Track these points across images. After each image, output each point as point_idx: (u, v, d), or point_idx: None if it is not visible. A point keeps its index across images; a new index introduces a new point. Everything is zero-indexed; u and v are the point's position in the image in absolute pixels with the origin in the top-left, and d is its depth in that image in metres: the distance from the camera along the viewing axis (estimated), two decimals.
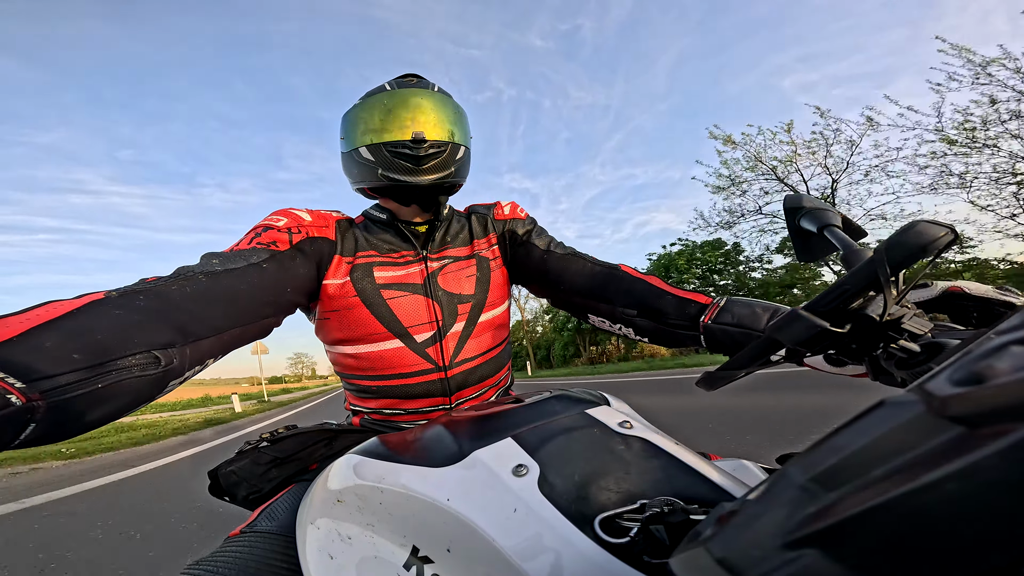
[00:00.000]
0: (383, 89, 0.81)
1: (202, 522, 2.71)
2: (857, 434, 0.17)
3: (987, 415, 0.14)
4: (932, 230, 0.38)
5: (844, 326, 0.44)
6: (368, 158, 0.78)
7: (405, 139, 0.76)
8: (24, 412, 0.36)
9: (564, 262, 0.89)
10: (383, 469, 0.46)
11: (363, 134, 0.79)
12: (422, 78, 0.86)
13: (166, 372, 0.47)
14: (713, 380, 0.56)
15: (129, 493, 3.72)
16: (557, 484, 0.37)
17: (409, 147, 0.76)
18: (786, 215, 0.58)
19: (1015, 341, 0.16)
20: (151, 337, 0.47)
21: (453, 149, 0.80)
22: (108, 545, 2.46)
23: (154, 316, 0.49)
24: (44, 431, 0.38)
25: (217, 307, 0.57)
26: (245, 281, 0.62)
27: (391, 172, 0.77)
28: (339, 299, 0.78)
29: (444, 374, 0.80)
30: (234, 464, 0.70)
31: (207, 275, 0.58)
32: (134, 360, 0.44)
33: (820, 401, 3.97)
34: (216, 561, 0.52)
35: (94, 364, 0.41)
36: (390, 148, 0.76)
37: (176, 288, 0.53)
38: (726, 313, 0.68)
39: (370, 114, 0.79)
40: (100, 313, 0.44)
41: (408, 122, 0.77)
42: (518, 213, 0.97)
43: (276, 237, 0.71)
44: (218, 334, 0.56)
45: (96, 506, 3.34)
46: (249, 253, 0.66)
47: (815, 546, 0.15)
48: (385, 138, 0.77)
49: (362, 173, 0.81)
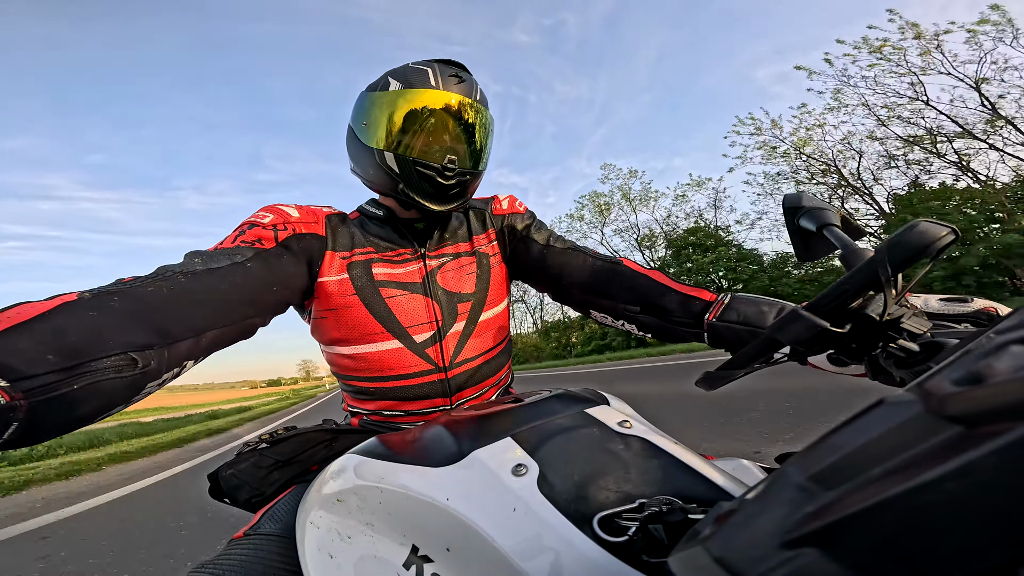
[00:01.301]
0: (425, 80, 0.73)
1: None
2: (856, 433, 0.17)
3: (986, 414, 0.14)
4: (934, 230, 0.38)
5: (844, 326, 0.44)
6: (392, 168, 0.74)
7: (436, 164, 0.73)
8: (7, 411, 0.36)
9: (564, 257, 0.87)
10: (383, 469, 0.46)
11: (393, 138, 0.73)
12: (466, 73, 0.79)
13: (144, 374, 0.47)
14: (712, 380, 0.56)
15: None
16: (556, 484, 0.37)
17: (439, 173, 0.73)
18: (785, 214, 0.58)
19: (1014, 341, 0.16)
20: (127, 338, 0.46)
21: (476, 177, 0.80)
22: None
23: (129, 317, 0.48)
24: (25, 431, 0.38)
25: (197, 308, 0.55)
26: (227, 281, 0.60)
27: (413, 193, 0.75)
28: (337, 297, 0.76)
29: (444, 375, 0.79)
30: (234, 467, 0.69)
31: (187, 275, 0.56)
32: (110, 362, 0.43)
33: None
34: (221, 564, 0.52)
35: (69, 366, 0.40)
36: (420, 167, 0.73)
37: (153, 289, 0.52)
38: (731, 311, 0.67)
39: (406, 114, 0.72)
40: (73, 314, 0.44)
41: (447, 141, 0.74)
42: (516, 207, 0.95)
43: (261, 234, 0.69)
44: (197, 336, 0.55)
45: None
46: (233, 252, 0.64)
47: (814, 545, 0.15)
48: (419, 156, 0.73)
49: (378, 177, 0.77)
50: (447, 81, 0.74)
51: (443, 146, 0.74)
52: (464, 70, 0.79)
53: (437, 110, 0.73)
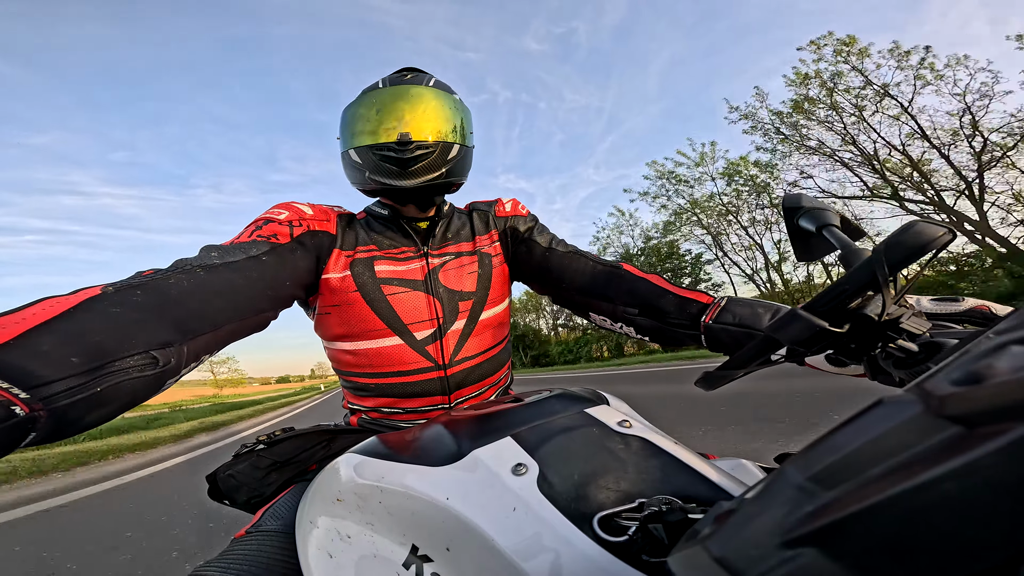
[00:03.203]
0: (376, 86, 0.80)
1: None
2: (855, 433, 0.17)
3: (985, 414, 0.14)
4: (930, 230, 0.38)
5: (843, 326, 0.44)
6: (357, 161, 0.78)
7: (390, 141, 0.74)
8: (26, 422, 0.35)
9: (565, 260, 0.89)
10: (382, 468, 0.46)
11: (353, 136, 0.78)
12: (419, 72, 0.84)
13: (164, 371, 0.47)
14: (712, 380, 0.56)
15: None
16: (556, 483, 0.37)
17: (395, 150, 0.74)
18: (784, 215, 0.58)
19: (1013, 341, 0.16)
20: (149, 337, 0.46)
21: (444, 149, 0.77)
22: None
23: (152, 313, 0.48)
24: (42, 438, 0.38)
25: (215, 301, 0.56)
26: (244, 275, 0.61)
27: (378, 176, 0.76)
28: (339, 293, 0.77)
29: (443, 372, 0.79)
30: (232, 468, 0.70)
31: (205, 268, 0.57)
32: (132, 361, 0.44)
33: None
34: (226, 561, 0.52)
35: (93, 367, 0.40)
36: (377, 151, 0.75)
37: (174, 282, 0.53)
38: (727, 313, 0.68)
39: (361, 114, 0.78)
40: (97, 311, 0.44)
41: (395, 123, 0.75)
42: (519, 210, 0.96)
43: (277, 230, 0.71)
44: (216, 329, 0.56)
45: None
46: (248, 246, 0.65)
47: (813, 545, 0.15)
48: (372, 140, 0.76)
49: (353, 175, 0.81)
50: (396, 80, 0.81)
51: (391, 125, 0.76)
52: (419, 71, 0.84)
53: (383, 100, 0.78)
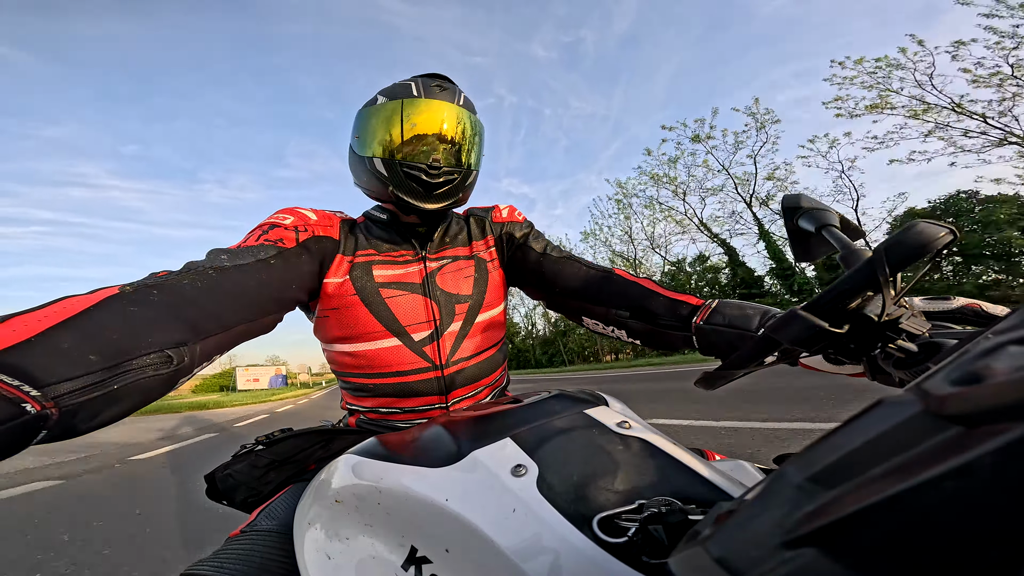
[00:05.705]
0: (408, 91, 0.78)
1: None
2: (855, 433, 0.17)
3: (984, 414, 0.14)
4: (931, 230, 0.38)
5: (843, 326, 0.44)
6: (381, 172, 0.77)
7: (423, 164, 0.76)
8: (37, 420, 0.36)
9: (559, 265, 0.90)
10: (381, 469, 0.46)
11: (380, 144, 0.77)
12: (448, 83, 0.83)
13: (177, 370, 0.48)
14: (711, 380, 0.56)
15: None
16: (556, 484, 0.37)
17: (426, 172, 0.76)
18: (784, 215, 0.58)
19: (1012, 341, 0.16)
20: (165, 336, 0.47)
21: (466, 175, 0.81)
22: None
23: (167, 312, 0.49)
24: (54, 436, 0.38)
25: (227, 302, 0.58)
26: (254, 277, 0.63)
27: (401, 192, 0.77)
28: (338, 297, 0.78)
29: (440, 373, 0.80)
30: (231, 467, 0.70)
31: (217, 270, 0.58)
32: (148, 360, 0.45)
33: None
34: (219, 560, 0.52)
35: (110, 365, 0.41)
36: (406, 168, 0.76)
37: (188, 283, 0.54)
38: (717, 314, 0.69)
39: (391, 122, 0.76)
40: (116, 310, 0.45)
41: (429, 145, 0.76)
42: (516, 216, 0.98)
43: (283, 235, 0.72)
44: (227, 329, 0.57)
45: None
46: (257, 249, 0.67)
47: (813, 545, 0.15)
48: (403, 158, 0.76)
49: (371, 183, 0.81)
50: (430, 91, 0.79)
51: (426, 147, 0.77)
52: (448, 81, 0.83)
53: (419, 115, 0.76)
